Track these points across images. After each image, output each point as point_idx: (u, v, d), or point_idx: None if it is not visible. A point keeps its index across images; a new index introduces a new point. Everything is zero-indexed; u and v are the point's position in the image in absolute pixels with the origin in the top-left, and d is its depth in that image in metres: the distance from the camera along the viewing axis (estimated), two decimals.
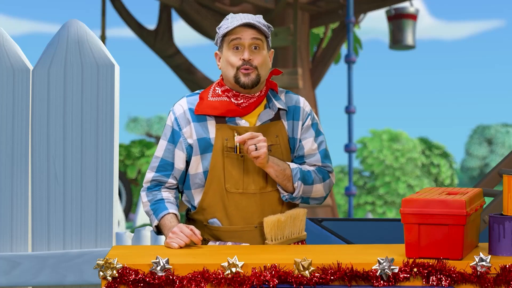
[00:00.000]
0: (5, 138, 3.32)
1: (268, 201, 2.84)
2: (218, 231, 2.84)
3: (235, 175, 2.81)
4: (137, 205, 13.42)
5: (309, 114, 2.94)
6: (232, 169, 2.81)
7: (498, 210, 3.59)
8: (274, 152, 2.84)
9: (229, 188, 2.81)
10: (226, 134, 2.82)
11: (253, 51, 2.81)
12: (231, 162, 2.81)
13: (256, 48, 2.81)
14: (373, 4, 11.09)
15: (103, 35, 10.52)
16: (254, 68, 2.80)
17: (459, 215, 2.43)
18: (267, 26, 2.87)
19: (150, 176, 2.90)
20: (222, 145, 2.81)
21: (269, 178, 2.85)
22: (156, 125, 38.44)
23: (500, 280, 2.39)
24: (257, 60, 2.81)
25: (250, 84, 2.80)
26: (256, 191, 2.82)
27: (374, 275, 2.39)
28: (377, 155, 27.95)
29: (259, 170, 2.83)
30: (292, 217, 2.84)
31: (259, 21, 2.82)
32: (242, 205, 2.81)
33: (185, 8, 10.39)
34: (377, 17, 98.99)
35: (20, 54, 3.33)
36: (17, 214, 3.31)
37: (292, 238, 2.86)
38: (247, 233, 2.83)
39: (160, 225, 2.84)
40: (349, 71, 9.53)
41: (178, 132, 2.86)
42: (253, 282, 2.38)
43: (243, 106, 2.84)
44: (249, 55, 2.79)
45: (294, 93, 2.98)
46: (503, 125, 40.37)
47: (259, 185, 2.82)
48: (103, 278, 2.41)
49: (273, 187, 2.85)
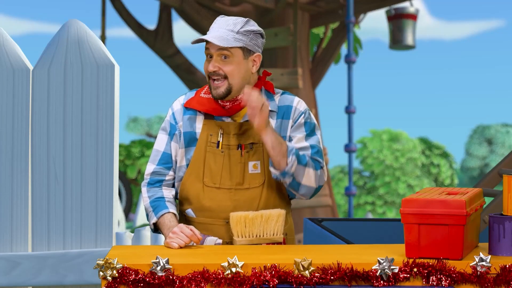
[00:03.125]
0: (5, 138, 3.32)
1: (243, 198, 2.87)
2: (193, 222, 2.92)
3: (214, 170, 2.88)
4: (137, 205, 13.42)
5: (302, 113, 2.94)
6: (212, 163, 2.88)
7: (498, 210, 3.59)
8: (256, 151, 2.89)
9: (207, 182, 2.88)
10: (211, 130, 2.90)
11: (223, 60, 2.84)
12: (212, 156, 2.88)
13: (225, 57, 2.84)
14: (373, 4, 11.09)
15: (103, 35, 10.51)
16: (223, 78, 2.84)
17: (459, 215, 2.43)
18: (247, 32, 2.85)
19: (151, 168, 2.97)
20: (206, 139, 2.89)
21: (247, 176, 2.88)
22: (156, 125, 38.43)
23: (500, 280, 2.39)
24: (226, 69, 2.84)
25: (218, 97, 2.86)
26: (232, 186, 2.87)
27: (374, 275, 2.39)
28: (377, 155, 27.95)
29: (238, 166, 2.87)
30: (264, 217, 2.82)
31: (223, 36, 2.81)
32: (216, 199, 2.87)
33: (185, 8, 10.39)
34: (377, 17, 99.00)
35: (20, 54, 3.33)
36: (17, 214, 3.31)
37: (264, 238, 2.84)
38: (217, 227, 2.88)
39: (159, 223, 2.88)
40: (349, 71, 9.53)
41: (174, 126, 2.95)
42: (253, 282, 2.38)
43: (227, 108, 2.90)
44: (213, 67, 2.84)
45: (291, 94, 2.98)
46: (503, 125, 40.37)
47: (235, 181, 2.87)
48: (103, 278, 2.41)
49: (250, 184, 2.88)
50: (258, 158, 2.89)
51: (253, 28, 2.87)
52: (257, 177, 2.88)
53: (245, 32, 2.85)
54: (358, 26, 12.96)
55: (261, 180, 2.89)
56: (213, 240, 2.86)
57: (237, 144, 2.88)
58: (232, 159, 2.88)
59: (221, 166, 2.87)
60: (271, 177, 2.89)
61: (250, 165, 2.89)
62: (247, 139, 2.89)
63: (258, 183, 2.88)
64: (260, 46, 2.91)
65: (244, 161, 2.88)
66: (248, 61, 2.87)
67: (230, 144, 2.88)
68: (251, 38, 2.87)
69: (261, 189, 2.88)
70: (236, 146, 2.88)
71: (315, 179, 2.87)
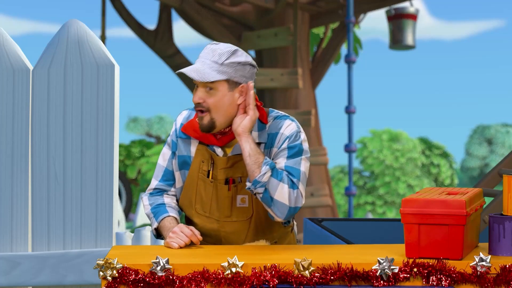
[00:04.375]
0: (5, 138, 3.32)
1: (231, 229, 2.87)
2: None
3: (204, 199, 2.87)
4: (137, 205, 13.42)
5: (287, 137, 2.80)
6: (202, 192, 2.87)
7: (498, 210, 3.59)
8: (244, 185, 2.82)
9: (198, 209, 2.90)
10: (203, 157, 2.86)
11: (208, 92, 2.75)
12: (203, 185, 2.86)
13: (210, 89, 2.74)
14: (373, 4, 11.09)
15: (103, 35, 10.52)
16: (206, 111, 2.75)
17: (459, 215, 2.43)
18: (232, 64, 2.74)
19: (154, 184, 2.98)
20: (198, 166, 2.86)
21: (234, 209, 2.85)
22: (156, 125, 38.42)
23: (500, 280, 2.39)
24: (209, 101, 2.75)
25: (202, 130, 2.78)
26: (220, 218, 2.86)
27: (374, 275, 2.39)
28: (377, 155, 27.96)
29: (225, 200, 2.84)
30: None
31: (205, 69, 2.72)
32: (207, 227, 2.90)
33: (185, 8, 10.39)
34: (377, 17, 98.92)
35: (20, 54, 3.33)
36: (17, 214, 3.31)
37: None
38: None
39: (160, 227, 2.88)
40: (349, 71, 9.53)
41: (175, 143, 2.93)
42: (253, 282, 2.38)
43: (217, 138, 2.84)
44: (198, 98, 2.74)
45: (284, 117, 2.86)
46: (503, 125, 40.38)
47: (223, 214, 2.86)
48: (103, 278, 2.41)
49: (238, 218, 2.86)
50: (246, 192, 2.83)
51: (240, 59, 2.75)
52: (245, 211, 2.85)
53: (230, 64, 2.73)
54: (358, 26, 12.96)
55: (249, 213, 2.85)
56: None
57: (224, 179, 2.83)
58: (219, 192, 2.85)
59: (210, 196, 2.86)
60: (259, 210, 2.85)
61: (238, 198, 2.85)
62: (235, 173, 2.83)
63: (246, 217, 2.85)
64: (248, 76, 2.78)
65: (231, 195, 2.84)
66: (234, 93, 2.75)
67: (218, 178, 2.83)
68: (237, 69, 2.75)
69: (248, 222, 2.86)
70: (224, 180, 2.83)
71: (290, 197, 2.70)
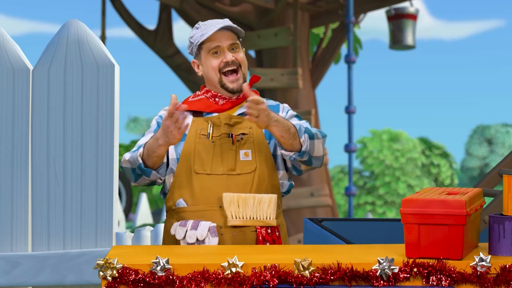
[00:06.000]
0: (5, 138, 3.32)
1: (235, 184, 2.90)
2: (184, 212, 2.92)
3: (204, 157, 2.91)
4: (137, 205, 13.40)
5: (289, 110, 3.05)
6: (202, 152, 2.92)
7: (498, 210, 3.59)
8: (246, 141, 2.94)
9: (197, 170, 2.91)
10: (200, 125, 2.95)
11: (234, 51, 2.97)
12: (202, 146, 2.92)
13: (235, 48, 2.98)
14: (373, 4, 11.09)
15: (103, 35, 10.52)
16: (238, 68, 2.97)
17: (459, 215, 2.43)
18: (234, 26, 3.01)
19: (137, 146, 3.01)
20: (195, 134, 2.94)
21: (238, 162, 2.91)
22: None
23: (500, 280, 2.40)
24: (239, 58, 2.97)
25: (238, 89, 2.98)
26: (224, 172, 2.90)
27: (374, 275, 2.39)
28: (377, 155, 27.95)
29: (229, 153, 2.91)
30: (257, 200, 2.86)
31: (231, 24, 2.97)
32: (207, 185, 2.89)
33: (185, 8, 10.39)
34: (377, 17, 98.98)
35: (20, 54, 3.33)
36: (17, 214, 3.31)
37: (257, 221, 2.88)
38: (211, 213, 2.89)
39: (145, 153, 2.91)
40: (349, 71, 9.53)
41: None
42: (253, 282, 2.39)
43: (220, 104, 2.98)
44: (230, 56, 2.95)
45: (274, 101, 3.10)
46: (503, 125, 40.37)
47: (227, 167, 2.90)
48: (103, 278, 2.41)
49: (242, 170, 2.91)
50: (249, 147, 2.94)
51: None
52: (248, 164, 2.92)
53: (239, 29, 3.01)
54: (358, 26, 12.96)
55: (252, 166, 2.92)
56: (207, 225, 2.87)
57: (228, 133, 2.93)
58: (223, 147, 2.92)
59: (211, 154, 2.91)
60: (262, 165, 2.93)
61: (241, 153, 2.93)
62: (237, 131, 2.95)
63: (250, 169, 2.92)
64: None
65: (235, 148, 2.93)
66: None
67: (221, 132, 2.93)
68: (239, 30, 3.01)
69: (252, 175, 2.92)
70: (227, 134, 2.93)
71: (322, 147, 2.94)
